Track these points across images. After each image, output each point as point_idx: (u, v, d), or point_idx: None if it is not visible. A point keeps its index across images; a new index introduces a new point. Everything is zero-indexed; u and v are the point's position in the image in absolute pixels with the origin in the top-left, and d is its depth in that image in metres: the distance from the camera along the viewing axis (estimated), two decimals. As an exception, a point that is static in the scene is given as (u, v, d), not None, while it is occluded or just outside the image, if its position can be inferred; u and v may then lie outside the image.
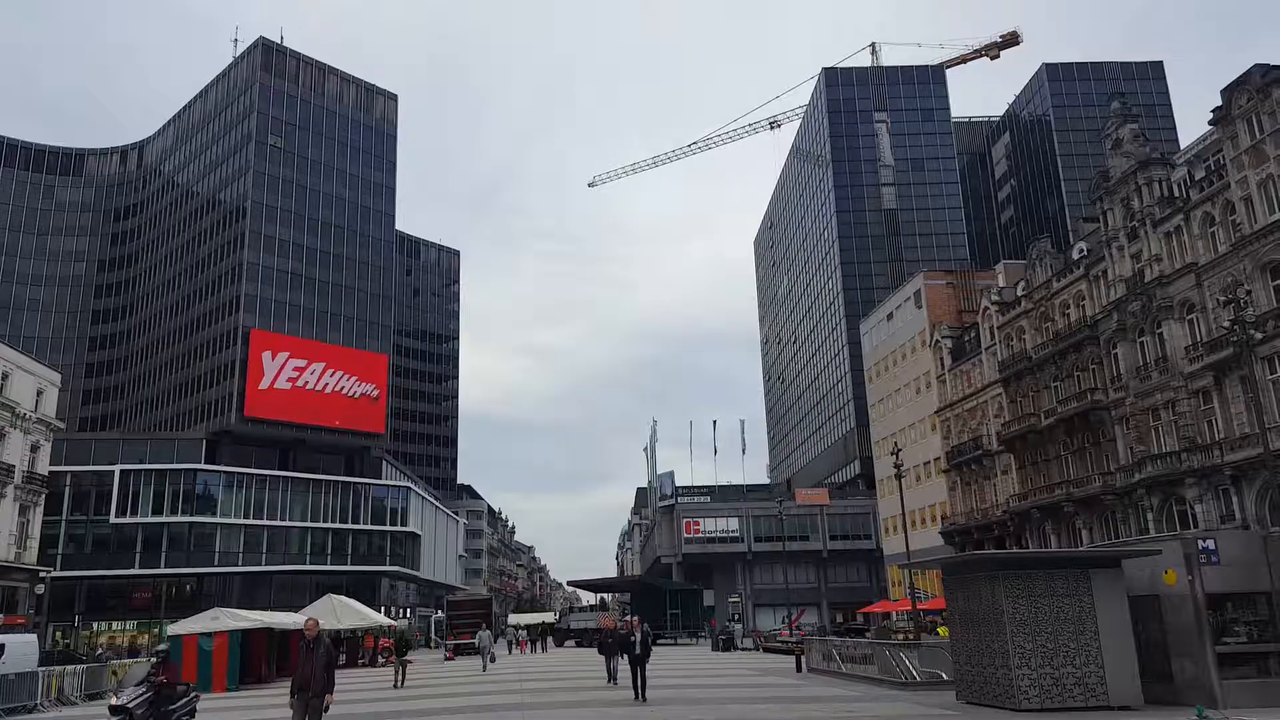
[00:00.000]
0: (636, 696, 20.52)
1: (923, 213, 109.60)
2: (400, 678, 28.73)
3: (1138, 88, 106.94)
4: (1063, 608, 17.08)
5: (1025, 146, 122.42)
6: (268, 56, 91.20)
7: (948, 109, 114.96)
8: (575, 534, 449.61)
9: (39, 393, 59.11)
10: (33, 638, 38.43)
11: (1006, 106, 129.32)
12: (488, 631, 38.93)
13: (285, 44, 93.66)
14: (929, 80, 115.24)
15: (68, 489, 71.59)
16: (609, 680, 24.50)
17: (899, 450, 50.25)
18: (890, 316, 79.64)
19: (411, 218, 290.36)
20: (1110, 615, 17.06)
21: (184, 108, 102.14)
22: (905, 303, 76.39)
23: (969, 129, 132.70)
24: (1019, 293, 56.85)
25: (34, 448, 58.39)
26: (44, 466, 59.68)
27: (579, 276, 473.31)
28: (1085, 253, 50.75)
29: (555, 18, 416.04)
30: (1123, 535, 44.87)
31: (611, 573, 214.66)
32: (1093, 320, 48.11)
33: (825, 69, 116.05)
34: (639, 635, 21.27)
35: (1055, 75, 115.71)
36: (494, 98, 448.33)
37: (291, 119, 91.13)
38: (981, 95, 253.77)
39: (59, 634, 68.20)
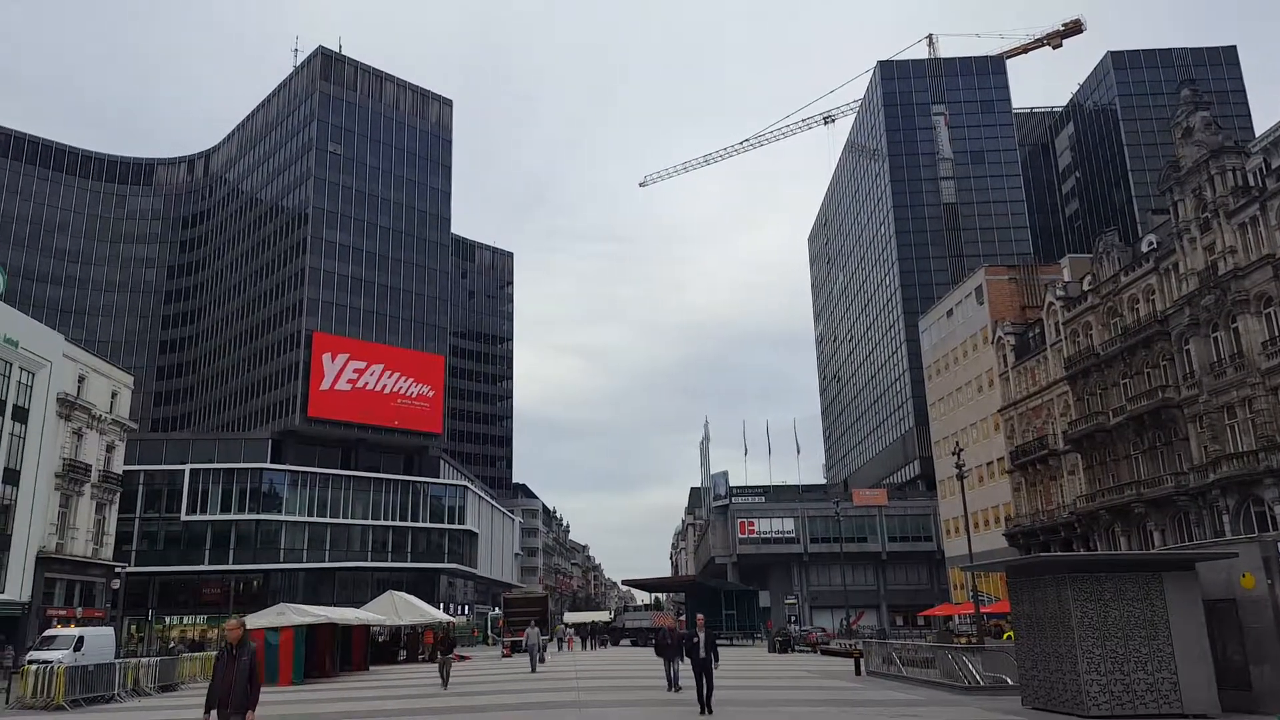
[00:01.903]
0: (702, 710, 17.81)
1: (983, 206, 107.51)
2: (445, 678, 26.81)
3: (1209, 73, 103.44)
4: (1133, 612, 16.56)
5: (1090, 137, 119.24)
6: (326, 65, 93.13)
7: (1008, 100, 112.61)
8: (629, 534, 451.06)
9: (113, 395, 61.21)
10: (110, 630, 39.84)
11: (1070, 96, 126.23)
12: (537, 629, 36.31)
13: (343, 51, 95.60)
14: (988, 71, 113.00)
15: (141, 487, 74.02)
16: (669, 687, 22.53)
17: (960, 450, 49.31)
18: (950, 313, 78.22)
19: (460, 219, 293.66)
20: (1184, 620, 16.49)
21: (247, 117, 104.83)
22: (966, 299, 74.95)
23: (1031, 120, 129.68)
24: (1085, 287, 55.37)
25: (109, 448, 60.48)
26: (119, 466, 61.78)
27: (627, 276, 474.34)
28: (1155, 245, 49.23)
29: (602, 17, 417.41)
30: (1196, 538, 43.46)
31: (665, 572, 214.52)
32: (1163, 315, 46.64)
33: (880, 62, 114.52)
34: (703, 637, 18.45)
35: (1121, 63, 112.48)
36: (539, 97, 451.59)
37: (350, 126, 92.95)
38: (1044, 85, 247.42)
39: (134, 627, 70.55)
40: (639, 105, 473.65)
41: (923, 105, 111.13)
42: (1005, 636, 39.33)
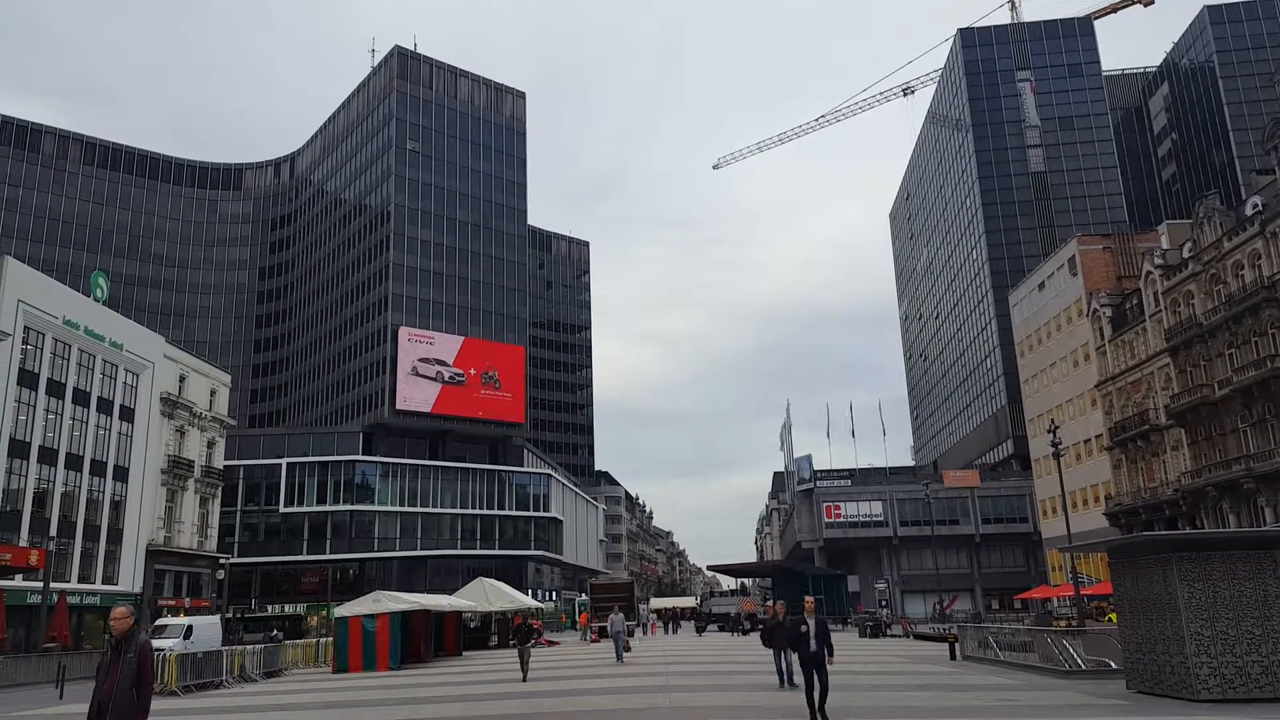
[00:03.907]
0: (813, 718, 14.21)
1: (1074, 174, 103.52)
2: (524, 670, 24.81)
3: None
4: (1244, 591, 15.71)
5: (1187, 97, 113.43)
6: (403, 64, 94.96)
7: (1097, 62, 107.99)
8: (713, 519, 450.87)
9: (212, 393, 63.84)
10: (216, 619, 41.61)
11: (1164, 55, 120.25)
12: (621, 615, 34.04)
13: (418, 49, 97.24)
14: (1075, 33, 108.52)
15: (241, 482, 77.19)
16: (781, 683, 19.94)
17: (1056, 428, 47.61)
18: (1042, 286, 75.58)
19: (536, 209, 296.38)
20: (1303, 600, 15.53)
21: (329, 119, 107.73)
22: (1058, 270, 72.29)
23: (1122, 82, 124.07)
24: (1185, 254, 52.76)
25: (210, 444, 63.13)
26: (219, 461, 64.45)
27: (704, 260, 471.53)
28: (1260, 208, 46.54)
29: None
30: (1314, 513, 41.09)
31: (750, 558, 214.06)
32: (1271, 281, 44.11)
33: (961, 29, 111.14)
34: (812, 625, 15.00)
35: (1219, 17, 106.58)
36: (606, 83, 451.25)
37: (428, 123, 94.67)
38: (1135, 45, 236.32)
39: (239, 614, 73.65)
40: (711, 87, 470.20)
41: (1006, 72, 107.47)
42: (1108, 619, 38.00)
